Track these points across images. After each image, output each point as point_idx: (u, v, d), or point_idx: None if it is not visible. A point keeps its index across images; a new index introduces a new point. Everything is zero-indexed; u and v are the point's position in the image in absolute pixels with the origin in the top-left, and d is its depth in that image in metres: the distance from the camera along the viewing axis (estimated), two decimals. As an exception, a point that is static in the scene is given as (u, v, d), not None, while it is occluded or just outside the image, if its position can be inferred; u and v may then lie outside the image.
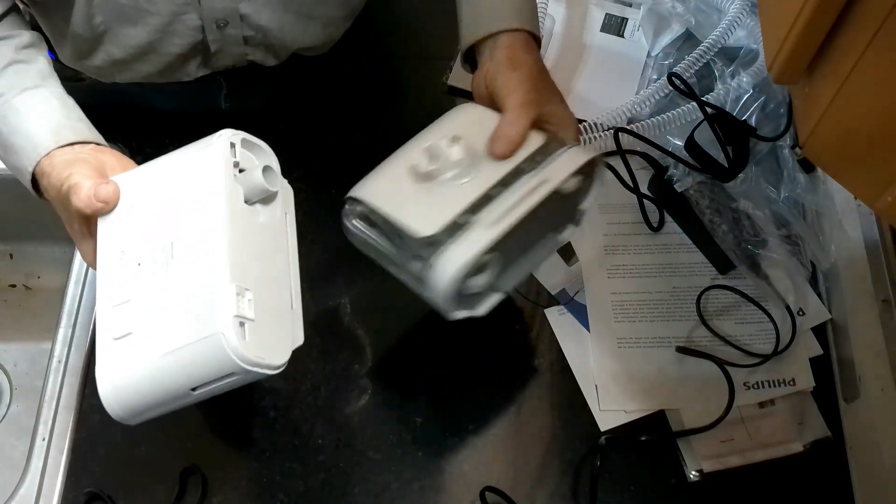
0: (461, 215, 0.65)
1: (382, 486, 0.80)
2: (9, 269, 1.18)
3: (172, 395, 0.59)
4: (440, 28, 1.07)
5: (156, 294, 0.60)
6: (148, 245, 0.62)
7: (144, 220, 0.63)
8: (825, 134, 0.53)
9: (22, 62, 0.74)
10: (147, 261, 0.61)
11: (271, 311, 0.62)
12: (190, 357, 0.57)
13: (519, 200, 0.65)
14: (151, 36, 0.81)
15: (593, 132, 0.96)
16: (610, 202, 0.93)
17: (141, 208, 0.64)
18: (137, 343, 0.59)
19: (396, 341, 0.87)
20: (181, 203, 0.62)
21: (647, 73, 1.03)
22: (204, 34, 0.82)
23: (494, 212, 0.64)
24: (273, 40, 0.86)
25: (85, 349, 0.86)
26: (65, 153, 0.70)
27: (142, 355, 0.58)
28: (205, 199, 0.61)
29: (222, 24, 0.82)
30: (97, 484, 0.79)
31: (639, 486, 0.80)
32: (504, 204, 0.65)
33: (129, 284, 0.61)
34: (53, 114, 0.73)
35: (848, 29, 0.47)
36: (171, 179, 0.64)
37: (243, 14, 0.81)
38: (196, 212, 0.61)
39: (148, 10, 0.78)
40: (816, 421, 0.82)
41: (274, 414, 0.83)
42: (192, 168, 0.63)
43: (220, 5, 0.80)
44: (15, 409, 1.11)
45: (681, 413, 0.82)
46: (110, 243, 0.63)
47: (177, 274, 0.59)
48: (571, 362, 0.85)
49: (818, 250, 0.89)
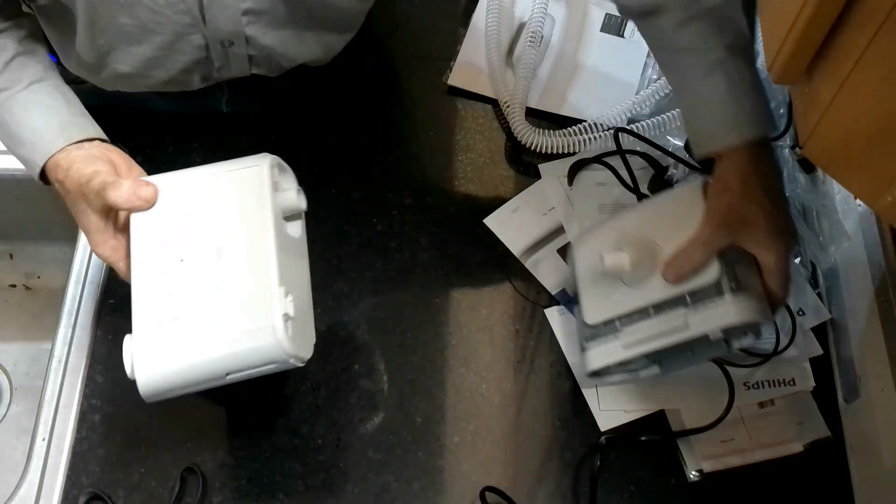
0: (619, 318, 0.74)
1: (382, 486, 0.80)
2: (9, 269, 1.18)
3: (207, 377, 0.66)
4: (440, 28, 1.07)
5: (202, 290, 0.66)
6: (192, 245, 0.68)
7: (188, 222, 0.69)
8: (825, 134, 0.53)
9: (26, 54, 0.76)
10: (191, 259, 0.67)
11: (301, 312, 0.70)
12: (238, 345, 0.65)
13: (660, 334, 0.72)
14: (155, 53, 0.81)
15: (593, 132, 0.96)
16: (610, 202, 0.93)
17: (183, 211, 0.70)
18: (183, 329, 0.65)
19: (396, 341, 0.87)
20: (229, 212, 0.69)
21: (647, 73, 1.03)
22: (208, 52, 0.82)
23: (636, 334, 0.73)
24: (277, 57, 0.86)
25: (85, 349, 0.86)
26: (78, 149, 0.73)
27: (188, 340, 0.65)
28: (254, 211, 0.69)
29: (227, 44, 0.82)
30: (97, 484, 0.79)
31: (639, 486, 0.80)
32: (649, 330, 0.72)
33: (173, 278, 0.67)
34: (60, 109, 0.76)
35: (848, 29, 0.47)
36: (214, 190, 0.70)
37: (248, 36, 0.81)
38: (245, 221, 0.68)
39: (153, 31, 0.78)
40: (816, 421, 0.82)
41: (274, 414, 0.83)
42: (239, 183, 0.70)
43: (225, 27, 0.80)
44: (15, 409, 1.11)
45: (681, 413, 0.82)
46: (148, 238, 0.69)
47: (225, 273, 0.67)
48: (571, 361, 0.85)
49: (818, 250, 0.89)
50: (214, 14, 0.77)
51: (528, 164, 0.97)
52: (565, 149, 0.97)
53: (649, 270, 0.73)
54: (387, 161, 0.97)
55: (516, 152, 0.98)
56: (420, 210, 0.94)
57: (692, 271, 0.70)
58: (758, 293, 0.69)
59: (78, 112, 0.77)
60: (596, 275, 0.78)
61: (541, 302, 0.88)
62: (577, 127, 0.97)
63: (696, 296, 0.70)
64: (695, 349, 0.75)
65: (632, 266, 0.72)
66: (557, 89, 1.02)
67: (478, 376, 0.85)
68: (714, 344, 0.72)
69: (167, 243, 0.68)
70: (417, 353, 0.86)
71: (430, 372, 0.85)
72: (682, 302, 0.71)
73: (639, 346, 0.72)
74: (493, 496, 0.78)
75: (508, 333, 0.87)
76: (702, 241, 0.71)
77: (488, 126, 1.00)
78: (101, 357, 0.85)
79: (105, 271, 0.90)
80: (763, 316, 0.69)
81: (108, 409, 0.83)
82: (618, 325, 0.74)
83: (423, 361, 0.86)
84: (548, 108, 1.00)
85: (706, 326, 0.69)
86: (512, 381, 0.85)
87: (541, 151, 0.97)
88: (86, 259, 0.90)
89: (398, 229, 0.92)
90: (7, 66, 0.75)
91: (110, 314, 0.88)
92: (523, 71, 1.00)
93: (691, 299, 0.70)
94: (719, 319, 0.68)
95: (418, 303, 0.89)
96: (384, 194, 0.94)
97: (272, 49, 0.84)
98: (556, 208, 0.93)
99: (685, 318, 0.70)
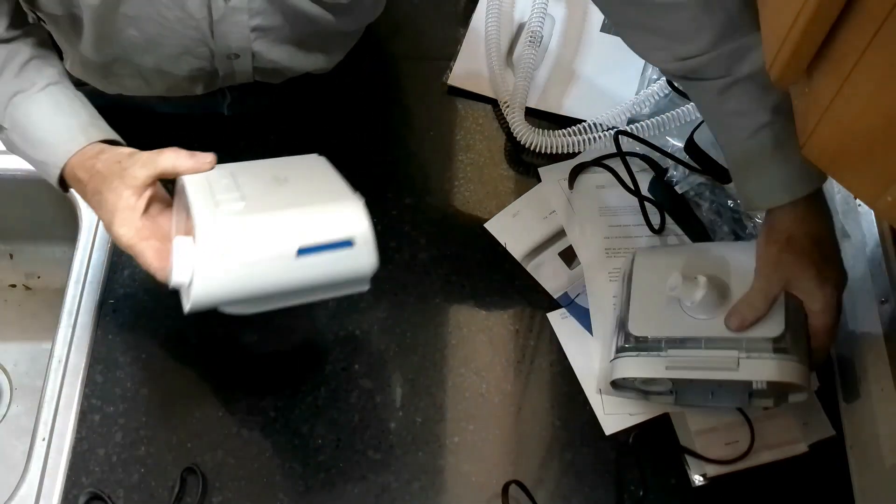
0: (668, 339, 0.75)
1: (382, 486, 0.80)
2: (9, 269, 1.18)
3: (278, 255, 0.62)
4: (440, 28, 1.07)
5: (271, 195, 0.65)
6: (256, 179, 0.67)
7: (247, 172, 0.69)
8: (825, 134, 0.53)
9: (40, 58, 0.76)
10: (254, 186, 0.66)
11: None
12: (318, 215, 0.63)
13: (706, 367, 0.73)
14: (161, 63, 0.81)
15: (593, 132, 0.96)
16: (610, 204, 0.93)
17: (239, 174, 0.69)
18: (255, 211, 0.63)
19: (396, 341, 0.87)
20: (288, 177, 0.69)
21: (647, 73, 1.03)
22: (213, 64, 0.83)
23: (683, 359, 0.74)
24: (282, 69, 0.87)
25: (85, 349, 0.86)
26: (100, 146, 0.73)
27: (261, 215, 0.63)
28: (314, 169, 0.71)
29: (233, 57, 0.82)
30: (97, 484, 0.79)
31: (642, 488, 0.79)
32: (697, 360, 0.73)
33: (240, 189, 0.65)
34: (79, 111, 0.76)
35: (848, 29, 0.47)
36: (268, 166, 0.71)
37: (255, 51, 0.82)
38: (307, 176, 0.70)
39: (160, 44, 0.78)
40: (821, 420, 0.82)
41: (274, 414, 0.83)
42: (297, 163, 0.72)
43: (234, 43, 0.80)
44: (15, 409, 1.11)
45: (685, 416, 0.82)
46: (206, 179, 0.68)
47: (293, 188, 0.66)
48: (574, 365, 0.85)
49: (818, 251, 0.89)
50: (223, 30, 0.77)
51: (527, 164, 0.97)
52: (565, 149, 0.97)
53: (714, 307, 0.75)
54: (387, 161, 0.97)
55: (516, 152, 0.98)
56: (420, 210, 0.94)
57: (754, 321, 0.72)
58: (807, 360, 0.72)
59: (95, 114, 0.77)
60: (654, 290, 0.79)
61: (542, 304, 0.88)
62: (576, 127, 0.97)
63: (753, 343, 0.72)
64: (717, 392, 0.77)
65: (702, 298, 0.74)
66: (557, 89, 1.02)
67: (478, 376, 0.85)
68: (739, 394, 0.75)
69: (230, 182, 0.67)
70: (417, 353, 0.86)
71: (430, 372, 0.85)
72: (737, 345, 0.73)
73: (682, 372, 0.74)
74: (515, 490, 0.79)
75: (508, 333, 0.87)
76: (761, 290, 0.72)
77: (488, 126, 1.00)
78: (101, 357, 0.85)
79: (105, 271, 0.90)
80: (807, 384, 0.72)
81: (108, 409, 0.83)
82: (664, 346, 0.75)
83: (423, 361, 0.86)
84: (547, 108, 1.00)
85: (755, 376, 0.71)
86: (512, 381, 0.85)
87: (540, 151, 0.97)
88: (86, 259, 0.91)
89: (398, 229, 0.92)
90: (23, 68, 0.75)
91: (110, 314, 0.88)
92: (523, 71, 1.00)
93: (747, 345, 0.72)
94: (769, 373, 0.71)
95: (418, 303, 0.89)
96: (384, 194, 0.94)
97: (277, 62, 0.85)
98: (556, 212, 0.93)
99: (737, 361, 0.72)
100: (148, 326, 0.87)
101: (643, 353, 0.76)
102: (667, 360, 0.75)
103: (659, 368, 0.75)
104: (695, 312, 0.76)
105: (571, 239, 0.92)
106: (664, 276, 0.77)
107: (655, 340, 0.76)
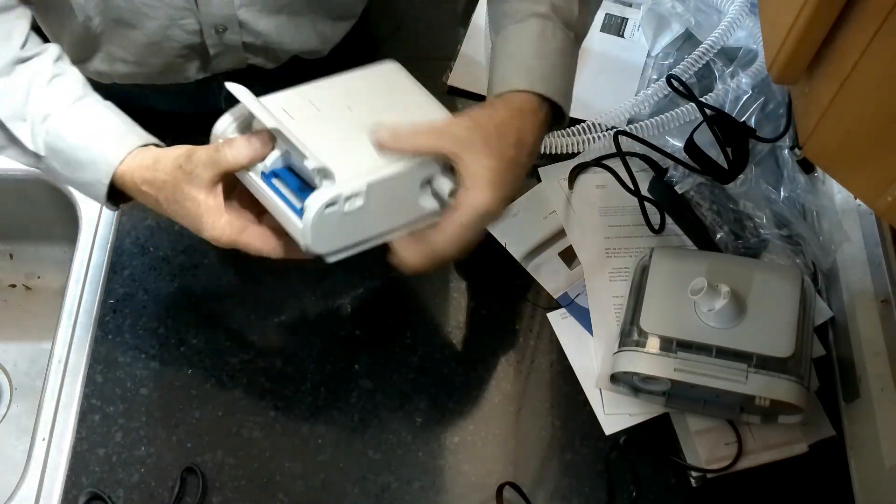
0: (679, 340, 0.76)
1: (382, 486, 0.80)
2: (9, 269, 1.18)
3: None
4: (440, 28, 1.07)
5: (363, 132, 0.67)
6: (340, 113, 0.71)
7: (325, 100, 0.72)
8: (825, 134, 0.53)
9: (62, 74, 0.74)
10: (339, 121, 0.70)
11: None
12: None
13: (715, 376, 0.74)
14: (150, 38, 0.81)
15: (593, 132, 0.96)
16: (611, 204, 0.93)
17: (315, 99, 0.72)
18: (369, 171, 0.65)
19: (396, 341, 0.87)
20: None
21: (647, 74, 1.03)
22: (203, 38, 0.83)
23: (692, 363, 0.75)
24: (271, 45, 0.87)
25: (85, 349, 0.86)
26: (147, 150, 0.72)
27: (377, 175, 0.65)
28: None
29: (221, 30, 0.82)
30: (97, 484, 0.79)
31: (642, 488, 0.79)
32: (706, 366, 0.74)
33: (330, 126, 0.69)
34: (113, 120, 0.74)
35: (848, 29, 0.47)
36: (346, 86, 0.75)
37: (241, 20, 0.82)
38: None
39: (146, 14, 0.78)
40: (821, 420, 0.82)
41: (274, 414, 0.83)
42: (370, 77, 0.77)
43: (218, 11, 0.80)
44: (15, 409, 1.11)
45: (685, 416, 0.81)
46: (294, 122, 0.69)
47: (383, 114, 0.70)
48: (574, 365, 0.85)
49: (818, 250, 0.89)
50: None
51: (528, 164, 0.97)
52: (565, 149, 0.96)
53: (730, 318, 0.76)
54: (387, 161, 0.97)
55: (516, 152, 0.98)
56: (420, 210, 0.94)
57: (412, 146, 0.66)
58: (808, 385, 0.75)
59: (129, 120, 0.75)
60: (671, 290, 0.79)
61: (542, 304, 0.88)
62: (576, 127, 0.97)
63: (763, 360, 0.73)
64: (710, 402, 0.77)
65: (722, 307, 0.74)
66: (557, 89, 1.01)
67: (477, 376, 0.85)
68: (731, 407, 0.76)
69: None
70: (417, 353, 0.86)
71: (430, 372, 0.85)
72: (747, 359, 0.74)
73: (690, 376, 0.74)
74: (510, 491, 0.79)
75: (508, 333, 0.87)
76: (434, 126, 0.68)
77: (488, 126, 1.00)
78: (101, 357, 0.85)
79: (105, 271, 0.90)
80: (805, 409, 0.74)
81: (108, 409, 0.83)
82: (674, 347, 0.76)
83: (424, 361, 0.86)
84: (548, 109, 1.00)
85: (761, 391, 0.73)
86: (512, 381, 0.85)
87: (540, 151, 0.97)
88: (86, 259, 0.91)
89: (398, 229, 0.92)
90: (48, 85, 0.73)
91: (110, 314, 0.88)
92: (523, 71, 0.99)
93: (757, 360, 0.73)
94: (776, 392, 0.73)
95: (418, 303, 0.89)
96: (384, 194, 0.94)
97: (266, 35, 0.84)
98: (556, 212, 0.93)
99: (746, 374, 0.73)
100: (148, 326, 0.87)
101: (652, 350, 0.76)
102: (676, 362, 0.75)
103: (667, 368, 0.75)
104: (710, 320, 0.76)
105: (571, 239, 0.92)
106: (685, 277, 0.77)
107: (666, 340, 0.76)
